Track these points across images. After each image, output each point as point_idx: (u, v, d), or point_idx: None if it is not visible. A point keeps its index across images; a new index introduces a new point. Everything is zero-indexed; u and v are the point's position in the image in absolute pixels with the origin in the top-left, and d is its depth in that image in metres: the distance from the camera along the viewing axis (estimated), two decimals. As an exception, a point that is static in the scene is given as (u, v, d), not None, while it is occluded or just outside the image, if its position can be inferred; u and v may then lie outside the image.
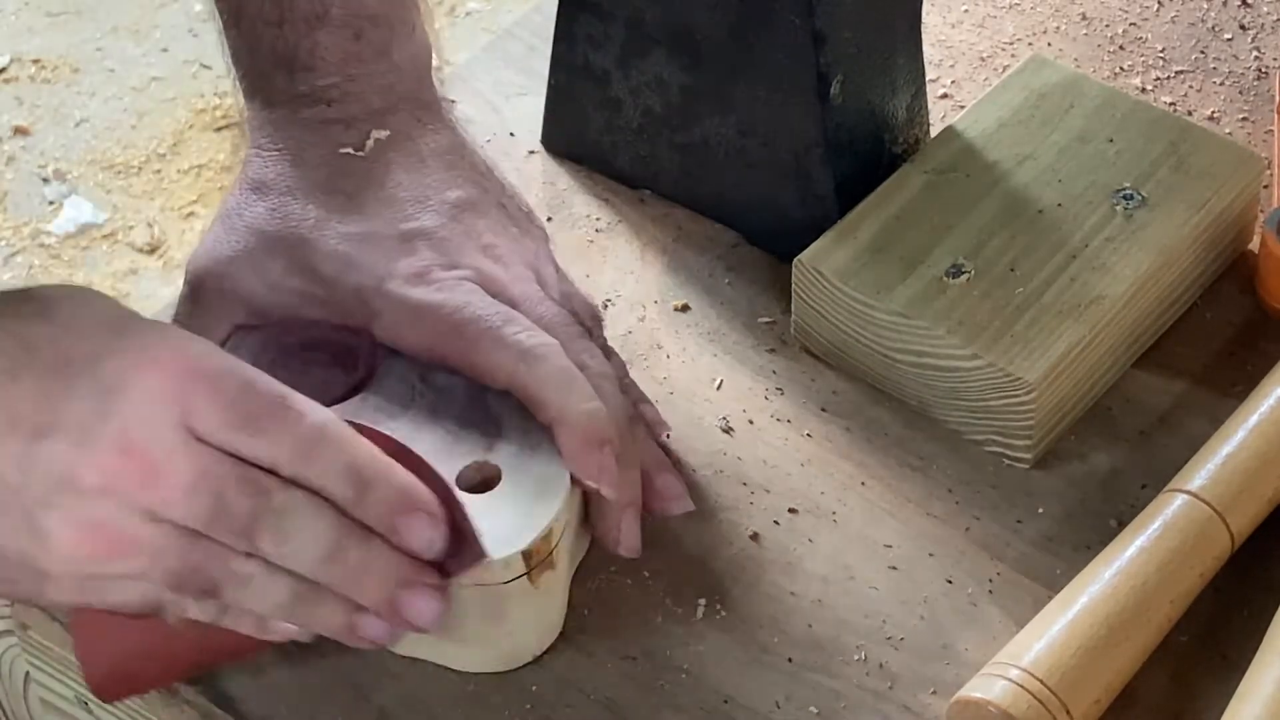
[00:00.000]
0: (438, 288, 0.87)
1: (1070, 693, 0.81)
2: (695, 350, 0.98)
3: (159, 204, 2.46)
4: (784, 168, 1.00)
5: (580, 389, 0.85)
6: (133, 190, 2.46)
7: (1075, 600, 0.84)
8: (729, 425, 0.94)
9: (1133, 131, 1.00)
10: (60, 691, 0.92)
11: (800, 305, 0.97)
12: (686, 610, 0.88)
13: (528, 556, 0.83)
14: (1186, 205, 0.97)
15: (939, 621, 0.87)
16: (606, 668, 0.86)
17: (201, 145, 2.53)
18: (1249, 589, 0.88)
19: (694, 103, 1.01)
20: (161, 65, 2.61)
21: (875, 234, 0.96)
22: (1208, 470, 0.88)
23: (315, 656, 0.86)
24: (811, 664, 0.86)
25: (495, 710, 0.84)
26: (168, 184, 2.49)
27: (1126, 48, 1.12)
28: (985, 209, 0.97)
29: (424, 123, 0.93)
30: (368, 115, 0.92)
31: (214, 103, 2.57)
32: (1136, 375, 0.97)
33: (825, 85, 0.97)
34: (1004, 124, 1.01)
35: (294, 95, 0.92)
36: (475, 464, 0.85)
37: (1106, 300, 0.93)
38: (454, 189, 0.91)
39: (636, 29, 1.01)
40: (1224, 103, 1.09)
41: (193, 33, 2.65)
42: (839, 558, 0.89)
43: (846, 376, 0.97)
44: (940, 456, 0.93)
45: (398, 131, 0.92)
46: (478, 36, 2.50)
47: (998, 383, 0.91)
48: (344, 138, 0.92)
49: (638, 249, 1.03)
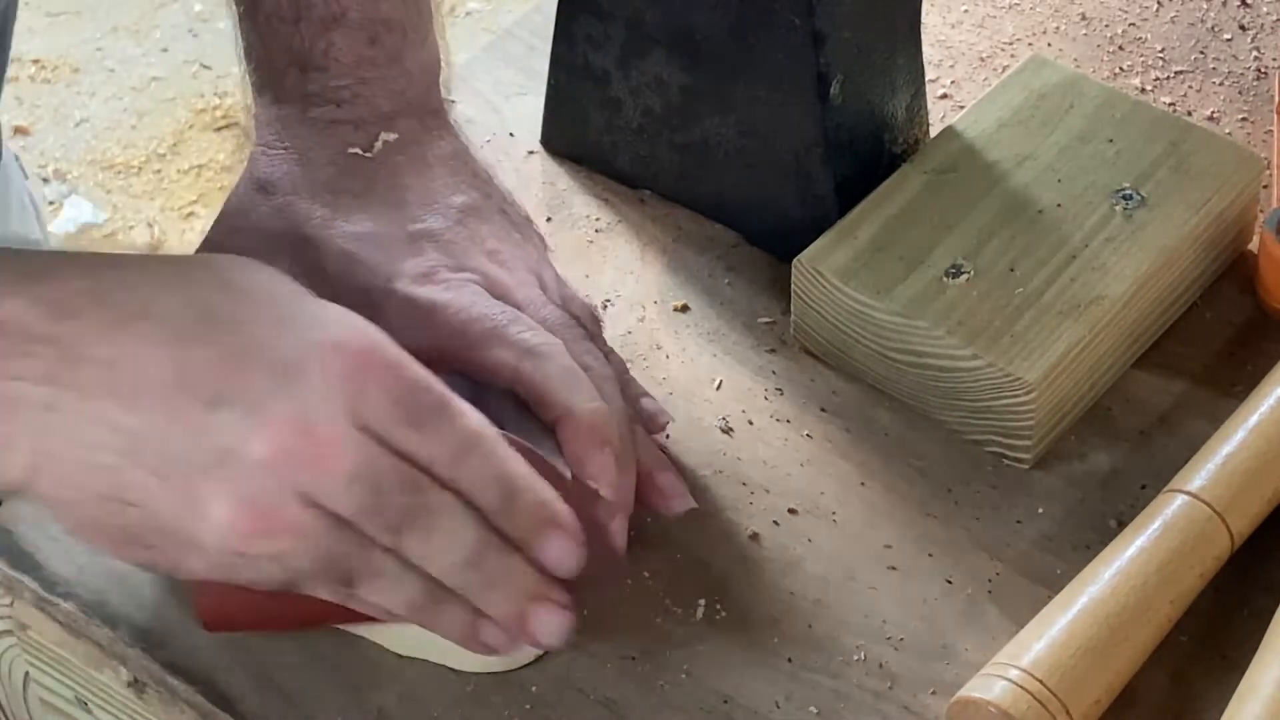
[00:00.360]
0: (445, 287, 0.87)
1: (1070, 693, 0.81)
2: (695, 350, 0.98)
3: (159, 204, 2.46)
4: (784, 168, 1.00)
5: (585, 388, 0.85)
6: (133, 190, 2.46)
7: (1075, 600, 0.84)
8: (729, 425, 0.95)
9: (1133, 131, 1.00)
10: (60, 691, 0.92)
11: (800, 305, 0.97)
12: (686, 610, 0.88)
13: None
14: (1186, 205, 0.97)
15: (939, 621, 0.87)
16: (606, 668, 0.86)
17: (201, 145, 2.53)
18: (1249, 589, 0.88)
19: (694, 103, 1.01)
20: (161, 65, 2.62)
21: (875, 234, 0.96)
22: (1207, 470, 0.88)
23: (315, 656, 0.86)
24: (811, 664, 0.86)
25: (495, 710, 0.84)
26: (168, 184, 2.49)
27: (1126, 48, 1.12)
28: (985, 209, 0.97)
29: (430, 128, 0.94)
30: (376, 118, 0.92)
31: (214, 103, 2.57)
32: (1136, 375, 0.97)
33: (825, 85, 0.97)
34: (1004, 124, 1.01)
35: (304, 94, 0.92)
36: None
37: (1106, 300, 0.93)
38: (459, 194, 0.91)
39: (636, 29, 1.01)
40: (1224, 103, 1.09)
41: (193, 33, 2.65)
42: (839, 558, 0.89)
43: (846, 376, 0.97)
44: (940, 456, 0.93)
45: (405, 135, 0.93)
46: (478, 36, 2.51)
47: (998, 383, 0.91)
48: (352, 138, 0.92)
49: (638, 249, 1.03)
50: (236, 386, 0.74)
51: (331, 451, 0.74)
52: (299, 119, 0.92)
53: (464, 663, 0.85)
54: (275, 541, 0.75)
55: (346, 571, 0.77)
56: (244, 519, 0.74)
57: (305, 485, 0.75)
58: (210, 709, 0.84)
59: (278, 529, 0.75)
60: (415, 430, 0.76)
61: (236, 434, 0.74)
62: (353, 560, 0.76)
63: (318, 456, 0.74)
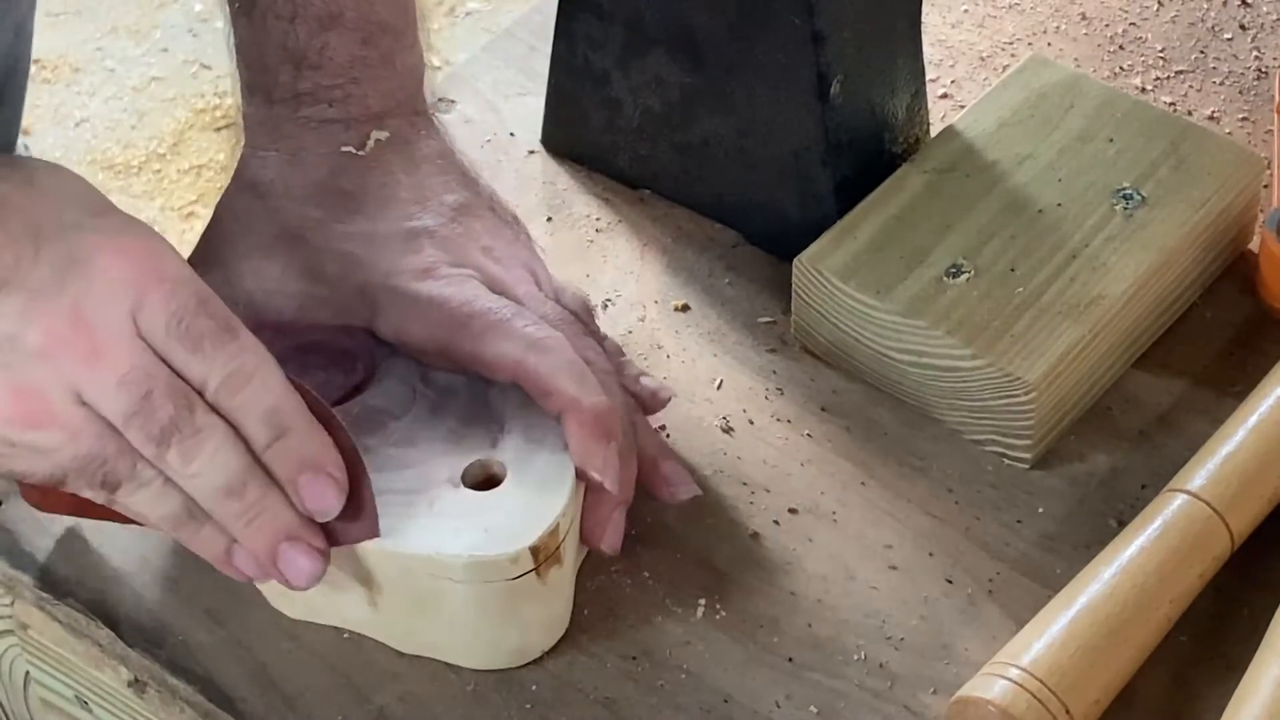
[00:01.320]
0: (446, 282, 0.87)
1: (1070, 692, 0.81)
2: (695, 350, 0.98)
3: (159, 204, 2.46)
4: (784, 168, 1.00)
5: (589, 381, 0.85)
6: (132, 190, 2.46)
7: (1075, 600, 0.84)
8: (729, 425, 0.95)
9: (1133, 131, 1.00)
10: (60, 691, 0.92)
11: (800, 305, 0.97)
12: (686, 610, 0.88)
13: (535, 552, 0.83)
14: (1186, 205, 0.97)
15: (939, 621, 0.87)
16: (606, 668, 0.86)
17: (201, 145, 2.53)
18: (1249, 589, 0.88)
19: (694, 103, 1.01)
20: (161, 65, 2.62)
21: (875, 234, 0.96)
22: (1207, 470, 0.88)
23: (315, 656, 0.86)
24: (811, 664, 0.86)
25: (495, 710, 0.84)
26: (168, 184, 2.49)
27: (1126, 48, 1.12)
28: (985, 209, 0.97)
29: (418, 128, 0.94)
30: (367, 117, 0.93)
31: (214, 103, 2.57)
32: (1136, 375, 0.97)
33: (825, 85, 0.97)
34: (1004, 124, 1.01)
35: (297, 92, 0.92)
36: (479, 461, 0.85)
37: (1106, 300, 0.93)
38: (450, 192, 0.92)
39: (636, 29, 1.01)
40: (1224, 103, 1.09)
41: (193, 33, 2.65)
42: (839, 558, 0.89)
43: (846, 376, 0.97)
44: (940, 456, 0.93)
45: (395, 134, 0.93)
46: (478, 36, 2.50)
47: (998, 383, 0.91)
48: (344, 137, 0.92)
49: (638, 249, 1.03)
50: (21, 275, 0.76)
51: (105, 350, 0.76)
52: (290, 119, 0.92)
53: (471, 660, 0.85)
54: (44, 433, 0.77)
55: (111, 476, 0.78)
56: (14, 405, 0.76)
57: (76, 381, 0.76)
58: (210, 709, 0.85)
59: (44, 420, 0.77)
60: (191, 350, 0.77)
61: (15, 319, 0.76)
62: (116, 465, 0.78)
63: (91, 353, 0.76)
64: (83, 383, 0.77)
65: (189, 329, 0.77)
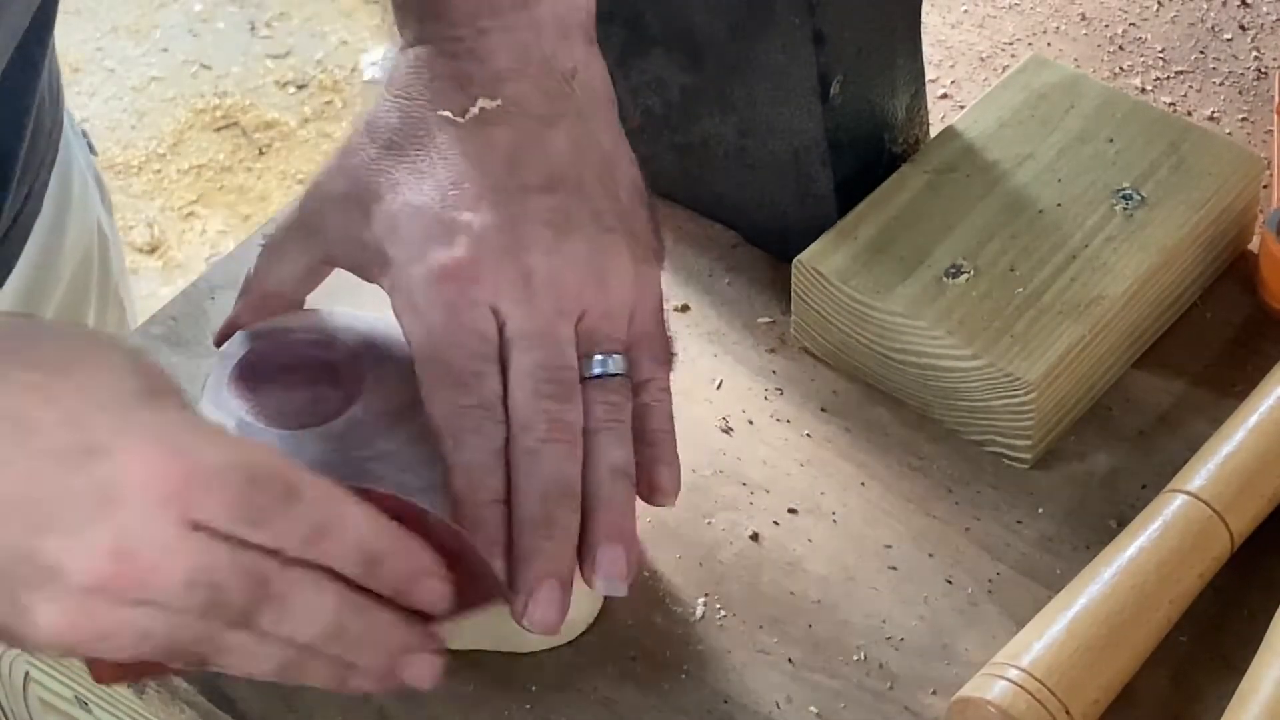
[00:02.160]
0: (444, 304, 0.82)
1: (1070, 693, 0.81)
2: (695, 350, 0.98)
3: (159, 204, 2.46)
4: (784, 168, 1.00)
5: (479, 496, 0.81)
6: (132, 190, 2.46)
7: (1075, 600, 0.84)
8: (729, 425, 0.94)
9: (1133, 131, 1.00)
10: (60, 691, 0.92)
11: (800, 305, 0.97)
12: (686, 610, 0.88)
13: None
14: (1186, 205, 0.97)
15: (939, 621, 0.87)
16: (606, 668, 0.86)
17: (201, 145, 2.53)
18: (1249, 589, 0.88)
19: (694, 103, 1.01)
20: (161, 65, 2.62)
21: (875, 234, 0.96)
22: (1207, 470, 0.88)
23: (315, 656, 0.86)
24: (811, 664, 0.86)
25: (495, 710, 0.84)
26: (168, 184, 2.49)
27: (1126, 48, 1.12)
28: (985, 209, 0.97)
29: (551, 96, 0.85)
30: (487, 79, 0.85)
31: (214, 103, 2.57)
32: (1136, 375, 0.97)
33: (825, 85, 0.97)
34: (1004, 124, 1.01)
35: (423, 41, 0.87)
36: None
37: (1106, 300, 0.93)
38: (539, 190, 0.84)
39: (636, 29, 1.01)
40: (1224, 103, 1.09)
41: (193, 33, 2.65)
42: (839, 558, 0.89)
43: (846, 376, 0.97)
44: (940, 456, 0.93)
45: (515, 103, 0.85)
46: (478, 36, 2.50)
47: (998, 383, 0.91)
48: (449, 99, 0.85)
49: (638, 249, 1.02)
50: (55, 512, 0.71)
51: (159, 566, 0.71)
52: (412, 68, 0.86)
53: (526, 644, 0.84)
54: (109, 641, 0.72)
55: (198, 655, 0.74)
56: (75, 631, 0.71)
57: (136, 598, 0.72)
58: (210, 709, 0.84)
59: (113, 634, 0.72)
60: (258, 527, 0.72)
61: (58, 558, 0.71)
62: (202, 645, 0.73)
63: (143, 577, 0.71)
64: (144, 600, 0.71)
65: (246, 513, 0.72)
